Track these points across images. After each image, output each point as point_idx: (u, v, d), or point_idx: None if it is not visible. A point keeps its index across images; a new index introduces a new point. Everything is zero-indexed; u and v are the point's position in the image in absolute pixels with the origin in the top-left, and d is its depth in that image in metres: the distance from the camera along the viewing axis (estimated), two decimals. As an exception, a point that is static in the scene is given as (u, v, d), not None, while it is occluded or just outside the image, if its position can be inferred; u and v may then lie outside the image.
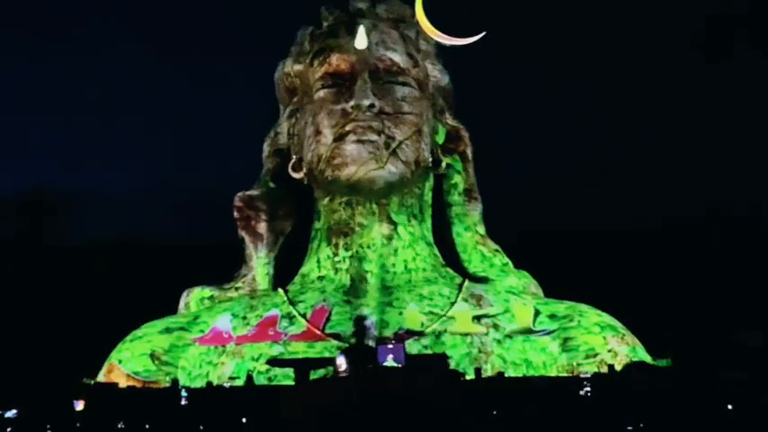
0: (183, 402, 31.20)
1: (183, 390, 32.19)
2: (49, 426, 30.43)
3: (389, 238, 38.38)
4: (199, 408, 31.06)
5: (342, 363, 29.95)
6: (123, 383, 34.77)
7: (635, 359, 35.50)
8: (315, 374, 32.80)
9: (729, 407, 28.60)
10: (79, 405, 31.00)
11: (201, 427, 30.01)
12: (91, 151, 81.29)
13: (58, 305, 55.67)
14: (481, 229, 40.70)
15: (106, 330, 39.14)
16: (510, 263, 40.09)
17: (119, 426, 29.99)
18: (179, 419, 30.46)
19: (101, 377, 36.32)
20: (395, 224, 38.59)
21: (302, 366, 32.88)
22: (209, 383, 34.36)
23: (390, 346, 30.20)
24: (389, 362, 29.19)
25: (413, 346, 34.37)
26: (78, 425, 30.44)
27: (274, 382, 33.71)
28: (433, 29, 40.28)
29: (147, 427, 29.92)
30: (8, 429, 30.25)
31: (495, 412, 28.40)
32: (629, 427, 27.59)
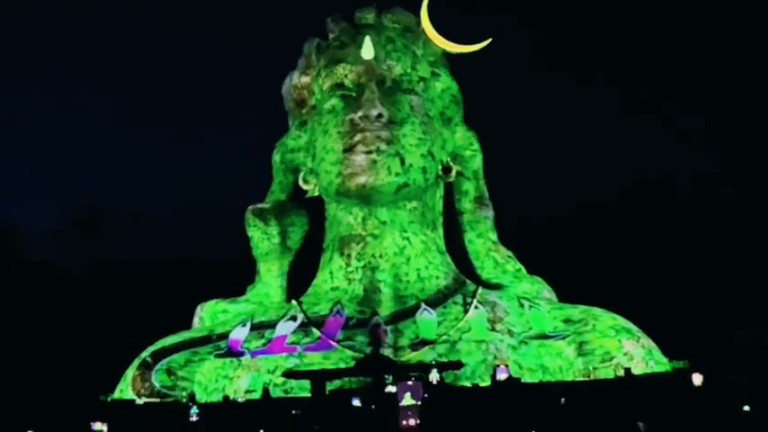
0: (198, 418, 31.24)
1: (196, 406, 32.23)
2: None
3: (402, 248, 38.42)
4: (215, 422, 31.11)
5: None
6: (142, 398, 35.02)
7: (651, 361, 35.53)
8: (331, 385, 32.87)
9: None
10: (96, 426, 30.89)
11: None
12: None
13: (63, 327, 55.91)
14: (493, 236, 40.69)
15: (123, 348, 39.30)
16: (523, 268, 40.09)
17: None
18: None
19: (117, 393, 36.51)
20: (407, 233, 38.62)
21: (318, 378, 32.97)
22: (226, 397, 34.48)
23: (410, 383, 30.13)
24: (407, 399, 29.15)
25: (427, 355, 34.47)
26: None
27: (291, 395, 33.79)
28: (439, 37, 40.44)
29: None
30: None
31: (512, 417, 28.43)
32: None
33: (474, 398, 30.62)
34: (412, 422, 28.08)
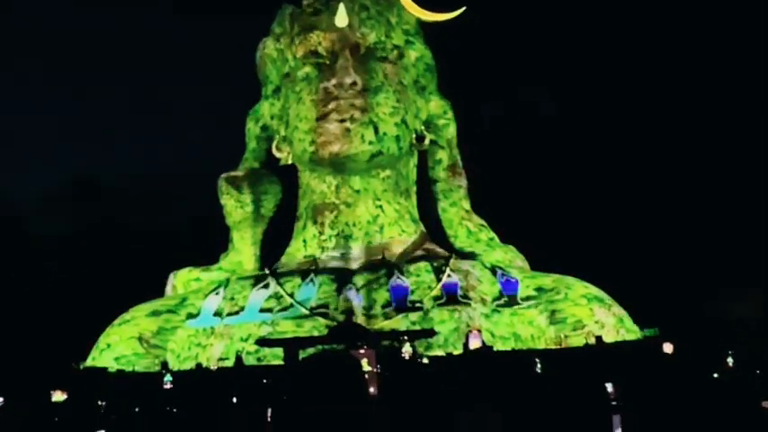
0: (171, 385, 31.19)
1: (170, 374, 32.19)
2: (32, 413, 30.24)
3: (375, 216, 38.44)
4: (188, 390, 31.06)
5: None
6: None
7: (622, 330, 35.83)
8: (304, 353, 32.88)
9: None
10: (57, 395, 30.64)
11: (191, 410, 29.99)
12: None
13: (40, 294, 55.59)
14: (466, 205, 40.78)
15: (97, 316, 39.16)
16: (496, 237, 40.23)
17: (104, 410, 29.86)
18: (168, 402, 30.45)
19: (89, 362, 36.41)
20: (380, 201, 38.63)
21: (291, 346, 32.98)
22: (199, 365, 34.45)
23: (362, 351, 30.24)
24: (364, 366, 29.19)
25: (401, 323, 34.54)
26: (64, 410, 30.28)
27: (264, 363, 33.82)
28: (414, 5, 40.26)
29: (137, 410, 29.87)
30: None
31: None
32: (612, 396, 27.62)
33: (443, 366, 30.72)
34: (372, 390, 28.27)
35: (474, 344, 32.11)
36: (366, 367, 28.81)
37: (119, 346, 36.25)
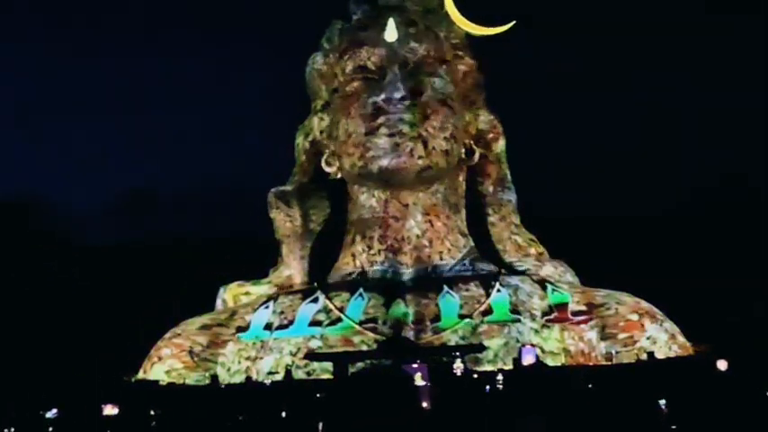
0: (223, 398, 31.40)
1: (222, 386, 32.42)
2: (85, 426, 30.60)
3: (424, 230, 38.42)
4: (238, 403, 31.24)
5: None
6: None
7: (674, 345, 35.39)
8: (353, 368, 32.91)
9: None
10: (108, 408, 30.93)
11: (241, 423, 30.17)
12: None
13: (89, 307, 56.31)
14: (516, 219, 40.57)
15: (148, 329, 39.61)
16: (545, 252, 39.99)
17: (156, 422, 30.14)
18: (219, 415, 30.66)
19: (140, 375, 36.78)
20: (429, 216, 38.60)
21: (341, 360, 33.02)
22: (249, 378, 34.62)
23: (415, 366, 30.18)
24: (418, 380, 29.15)
25: (450, 338, 34.43)
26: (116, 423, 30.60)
27: (313, 377, 33.88)
28: (462, 19, 40.23)
29: (188, 423, 30.13)
30: (50, 429, 30.46)
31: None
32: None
33: (495, 381, 30.57)
34: (424, 404, 28.16)
35: (528, 359, 31.93)
36: (419, 381, 28.78)
37: (169, 360, 36.61)
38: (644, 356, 33.47)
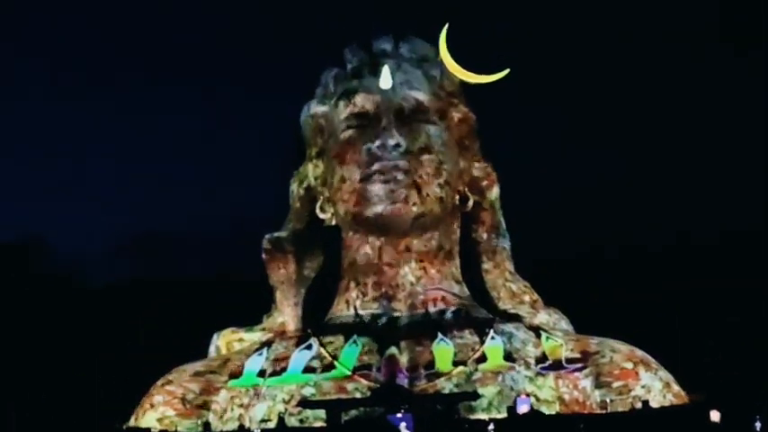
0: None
1: None
2: None
3: (418, 278, 38.42)
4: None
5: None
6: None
7: (669, 394, 35.28)
8: (346, 416, 32.76)
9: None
10: None
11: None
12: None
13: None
14: (510, 266, 40.54)
15: (139, 376, 39.39)
16: (540, 300, 39.92)
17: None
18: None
19: (132, 422, 36.50)
20: (423, 263, 38.60)
21: (334, 408, 32.86)
22: (241, 426, 34.38)
23: (399, 415, 30.17)
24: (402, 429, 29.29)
25: (444, 386, 34.30)
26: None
27: (306, 425, 33.66)
28: (457, 66, 40.47)
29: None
30: None
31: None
32: None
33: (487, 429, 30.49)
34: None
35: (522, 409, 31.82)
36: (404, 431, 28.80)
37: (161, 407, 36.34)
38: (639, 405, 33.31)
